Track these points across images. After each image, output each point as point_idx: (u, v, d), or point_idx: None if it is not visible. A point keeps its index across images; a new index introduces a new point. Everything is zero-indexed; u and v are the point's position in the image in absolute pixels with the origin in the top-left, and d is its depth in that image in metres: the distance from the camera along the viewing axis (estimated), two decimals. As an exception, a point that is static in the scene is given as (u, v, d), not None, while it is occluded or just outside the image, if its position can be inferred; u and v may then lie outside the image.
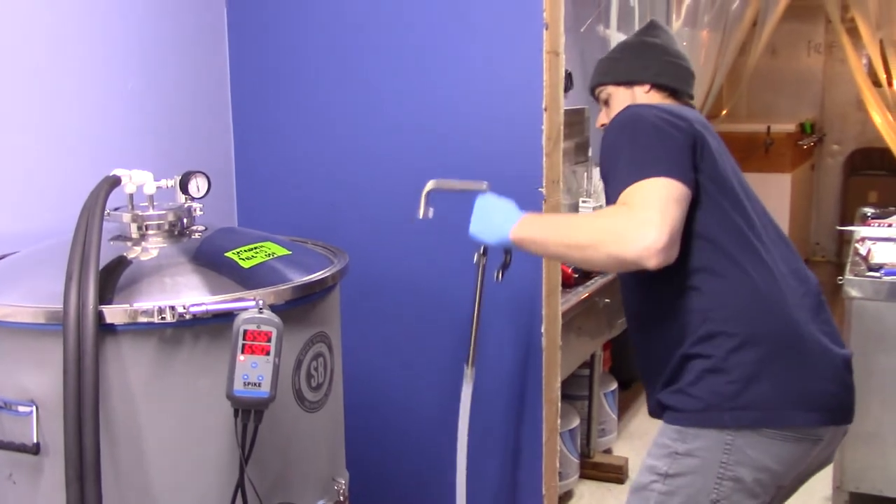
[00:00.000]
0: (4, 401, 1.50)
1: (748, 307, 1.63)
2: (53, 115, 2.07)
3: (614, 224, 1.55)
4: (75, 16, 2.11)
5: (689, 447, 1.62)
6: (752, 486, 1.62)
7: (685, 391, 1.64)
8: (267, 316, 1.42)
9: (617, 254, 1.53)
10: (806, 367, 1.64)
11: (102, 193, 1.57)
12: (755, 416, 1.60)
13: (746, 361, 1.60)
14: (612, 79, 1.95)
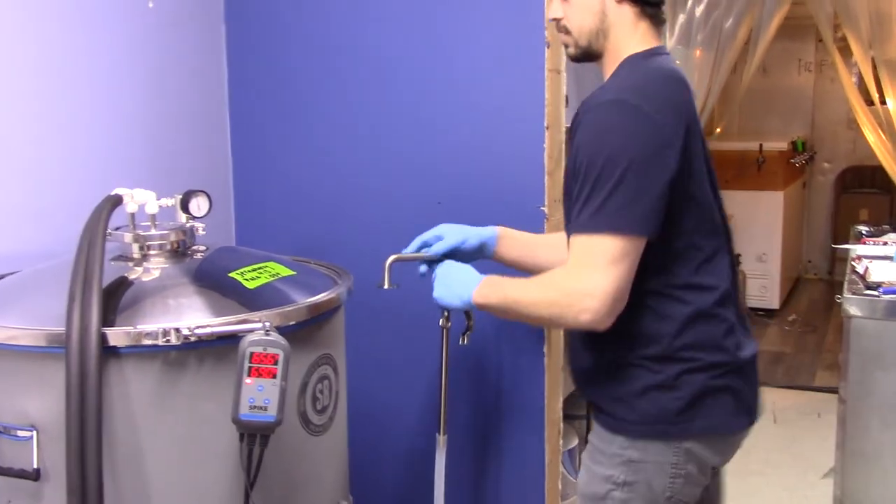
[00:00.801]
0: (4, 425, 1.46)
1: (700, 338, 1.65)
2: (53, 134, 2.05)
3: (560, 299, 1.55)
4: (76, 37, 2.09)
5: (641, 454, 1.65)
6: (698, 477, 1.69)
7: (629, 402, 1.66)
8: (274, 338, 1.40)
9: (571, 326, 1.64)
10: (746, 379, 1.71)
11: (104, 213, 1.54)
12: (701, 426, 1.66)
13: (695, 382, 1.64)
14: None
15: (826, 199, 7.02)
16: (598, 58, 1.70)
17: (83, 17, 2.11)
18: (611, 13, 1.65)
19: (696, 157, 1.61)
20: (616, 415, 1.68)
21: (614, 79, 1.66)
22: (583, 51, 1.69)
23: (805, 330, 5.74)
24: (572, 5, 1.66)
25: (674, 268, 1.62)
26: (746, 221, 5.84)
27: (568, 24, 1.68)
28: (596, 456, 1.72)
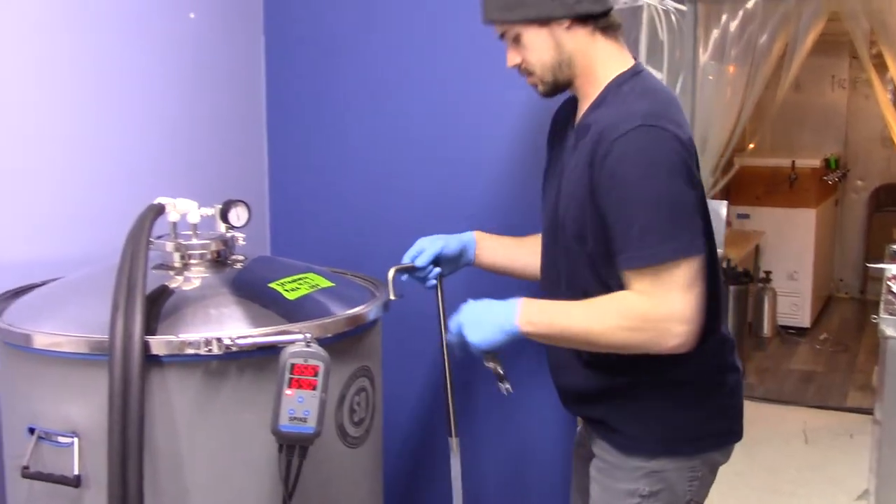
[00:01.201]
0: (45, 431, 1.47)
1: (718, 359, 1.75)
2: (95, 142, 2.07)
3: (646, 327, 1.54)
4: (120, 46, 2.11)
5: (663, 465, 1.70)
6: (711, 478, 1.78)
7: (646, 422, 1.71)
8: (314, 350, 1.40)
9: (653, 352, 1.57)
10: (739, 391, 1.82)
11: (148, 221, 1.56)
12: (716, 442, 1.76)
13: (712, 401, 1.75)
14: (520, 16, 1.63)
15: (859, 217, 6.94)
16: (569, 86, 1.71)
17: (127, 28, 2.13)
18: (565, 41, 1.64)
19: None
20: (630, 434, 1.71)
21: (619, 102, 1.62)
22: (551, 85, 1.69)
23: (836, 349, 5.67)
24: (526, 47, 1.66)
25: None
26: (778, 238, 5.79)
27: (528, 66, 1.68)
28: (613, 472, 1.73)
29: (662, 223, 1.52)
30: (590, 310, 1.59)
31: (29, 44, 1.91)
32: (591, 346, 1.63)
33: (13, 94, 1.88)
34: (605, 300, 1.59)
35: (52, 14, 1.95)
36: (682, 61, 4.58)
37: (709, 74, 4.86)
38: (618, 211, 1.54)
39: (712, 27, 4.80)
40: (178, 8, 2.27)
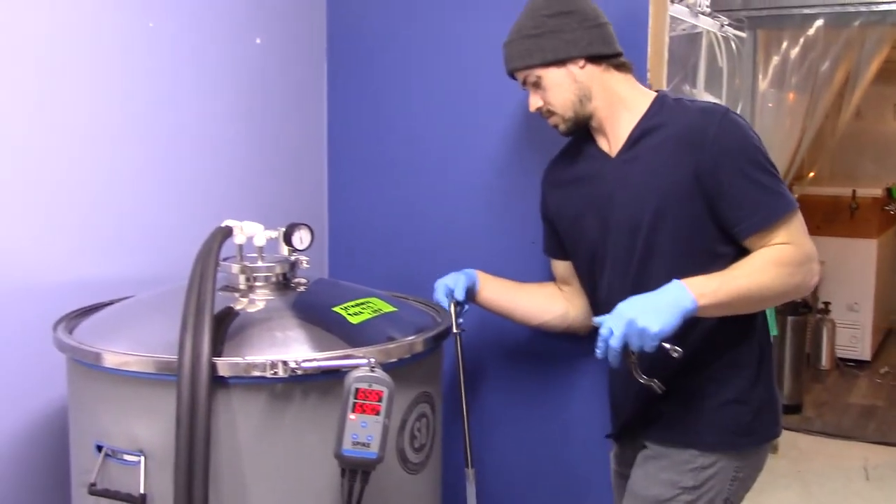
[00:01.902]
0: (112, 449, 1.49)
1: (767, 350, 1.86)
2: (166, 165, 2.12)
3: (799, 269, 1.71)
4: (189, 74, 2.16)
5: (710, 461, 1.79)
6: (749, 482, 1.87)
7: (708, 416, 1.81)
8: (379, 375, 1.40)
9: (802, 294, 1.77)
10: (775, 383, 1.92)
11: (216, 244, 1.58)
12: (764, 437, 1.86)
13: (761, 394, 1.83)
14: (538, 60, 1.82)
15: (921, 248, 6.78)
16: (590, 119, 1.87)
17: (197, 53, 2.18)
18: (581, 77, 1.83)
19: None
20: (690, 428, 1.82)
21: (682, 106, 1.82)
22: (572, 121, 1.86)
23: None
24: (546, 88, 1.84)
25: None
26: (837, 269, 5.67)
27: (550, 107, 1.86)
28: (660, 461, 1.83)
29: (777, 183, 1.73)
30: (747, 268, 1.69)
31: (106, 72, 1.96)
32: (760, 302, 1.74)
33: (89, 120, 1.93)
34: (754, 258, 1.70)
35: (125, 42, 2.00)
36: (742, 89, 4.54)
37: (768, 102, 4.80)
38: (741, 180, 1.71)
39: (772, 54, 4.74)
40: (246, 33, 2.32)
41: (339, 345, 1.53)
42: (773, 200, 1.71)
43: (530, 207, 2.26)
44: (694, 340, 1.76)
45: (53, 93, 1.86)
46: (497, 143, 2.37)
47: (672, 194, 1.75)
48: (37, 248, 1.85)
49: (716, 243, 1.75)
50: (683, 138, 1.75)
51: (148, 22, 2.04)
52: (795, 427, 4.67)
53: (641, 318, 1.57)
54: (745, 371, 1.82)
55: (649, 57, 2.12)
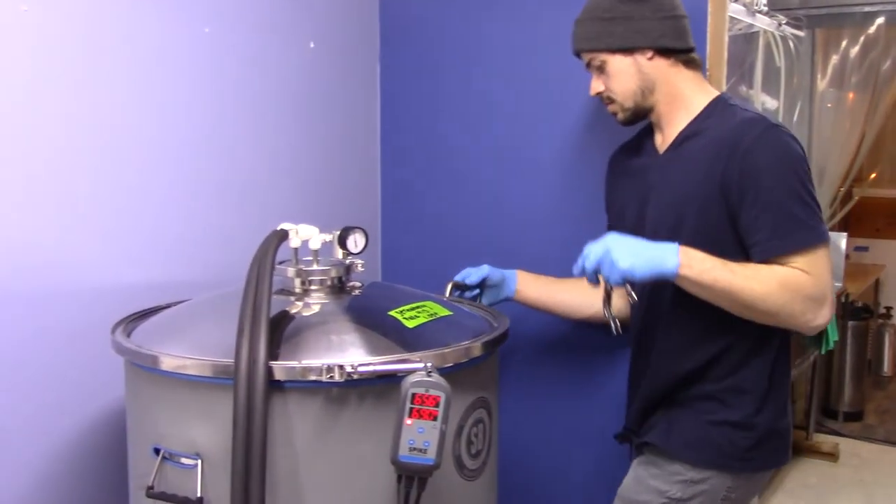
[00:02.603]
0: (170, 452, 1.50)
1: (780, 377, 1.82)
2: (222, 169, 2.13)
3: (800, 303, 1.63)
4: (243, 78, 2.17)
5: (701, 476, 1.76)
6: (743, 502, 1.84)
7: (706, 434, 1.78)
8: (436, 380, 1.38)
9: (796, 327, 1.68)
10: (789, 409, 1.86)
11: (272, 247, 1.57)
12: (760, 464, 1.81)
13: (766, 422, 1.78)
14: (605, 45, 1.79)
15: None
16: (649, 112, 1.85)
17: (251, 58, 2.19)
18: (648, 70, 1.80)
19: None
20: (686, 441, 1.80)
21: (731, 114, 1.76)
22: (631, 111, 1.84)
23: (963, 391, 5.36)
24: (610, 75, 1.82)
25: None
26: (900, 272, 5.54)
27: (611, 94, 1.84)
28: (652, 469, 1.82)
29: (808, 211, 1.64)
30: (750, 271, 1.63)
31: (164, 77, 1.97)
32: (742, 305, 1.64)
33: (147, 125, 1.95)
34: (766, 268, 1.64)
35: (181, 47, 2.01)
36: (800, 88, 4.45)
37: (827, 102, 4.70)
38: (766, 201, 1.65)
39: (831, 53, 4.64)
40: (300, 38, 2.32)
41: (394, 349, 1.51)
42: (796, 229, 1.63)
43: (587, 212, 2.24)
44: (704, 355, 1.78)
45: (112, 97, 1.88)
46: (555, 146, 2.34)
47: (696, 199, 1.73)
48: (95, 252, 1.87)
49: (735, 255, 1.68)
50: (719, 145, 1.70)
51: (204, 27, 2.05)
52: (857, 435, 4.56)
53: (616, 252, 1.61)
54: (751, 396, 1.78)
55: (708, 57, 2.08)
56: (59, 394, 1.83)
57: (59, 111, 1.79)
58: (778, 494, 3.85)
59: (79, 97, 1.82)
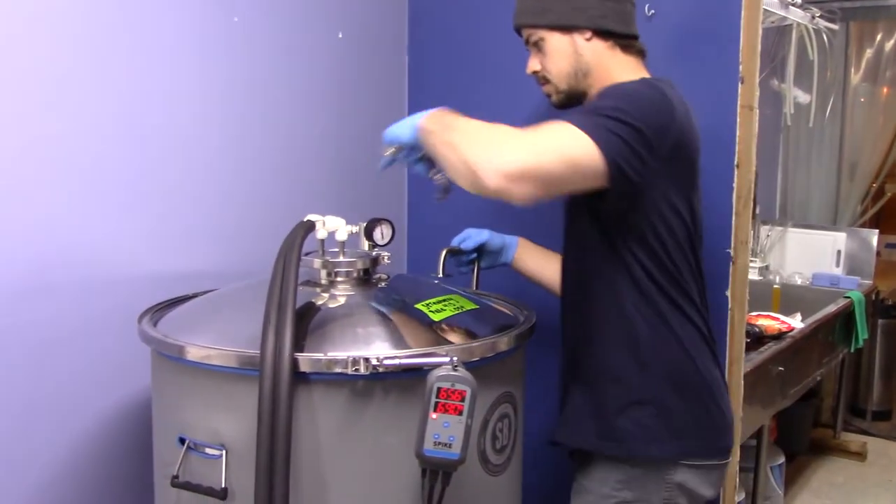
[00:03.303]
0: (195, 442, 1.50)
1: (683, 349, 1.71)
2: (250, 160, 2.13)
3: (494, 136, 1.48)
4: (272, 69, 2.17)
5: (635, 494, 1.67)
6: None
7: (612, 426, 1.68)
8: (461, 374, 1.37)
9: (466, 159, 1.44)
10: (717, 398, 1.77)
11: (299, 239, 1.56)
12: (682, 451, 1.68)
13: (675, 398, 1.69)
14: (545, 21, 1.73)
15: None
16: (583, 98, 1.77)
17: (279, 48, 2.19)
18: (584, 51, 1.72)
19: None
20: (615, 438, 1.68)
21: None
22: (565, 94, 1.77)
23: None
24: (546, 54, 1.75)
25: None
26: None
27: (546, 74, 1.77)
28: (586, 497, 1.73)
29: (610, 122, 1.49)
30: (478, 123, 1.53)
31: (190, 66, 1.97)
32: (443, 145, 1.53)
33: (173, 114, 1.95)
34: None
35: (209, 36, 2.01)
36: (833, 83, 4.39)
37: (860, 97, 4.63)
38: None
39: (865, 47, 4.58)
40: (328, 28, 2.31)
41: (420, 342, 1.50)
42: (583, 116, 1.51)
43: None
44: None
45: (145, 91, 1.88)
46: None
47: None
48: (122, 242, 1.88)
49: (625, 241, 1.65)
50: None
51: (233, 17, 2.05)
52: (885, 434, 4.50)
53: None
54: (650, 363, 1.67)
55: (742, 49, 2.05)
56: (89, 382, 1.85)
57: (96, 105, 1.80)
58: (804, 493, 3.81)
59: (115, 91, 1.83)
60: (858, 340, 3.75)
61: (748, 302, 2.21)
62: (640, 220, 1.63)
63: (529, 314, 1.73)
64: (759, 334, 3.04)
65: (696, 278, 1.75)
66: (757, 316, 3.19)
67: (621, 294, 1.67)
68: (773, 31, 3.88)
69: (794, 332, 3.16)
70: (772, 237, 4.22)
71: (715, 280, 2.12)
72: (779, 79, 4.01)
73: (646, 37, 2.19)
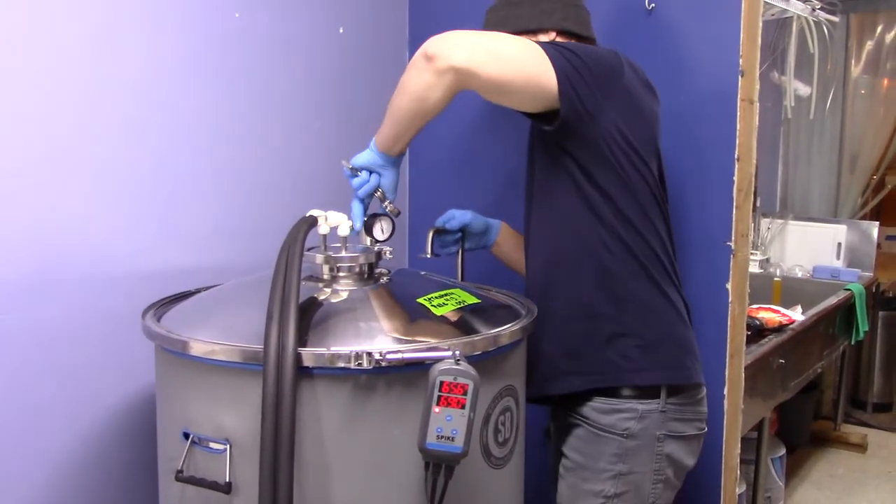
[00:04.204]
0: (199, 437, 1.51)
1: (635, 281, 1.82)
2: (253, 156, 2.14)
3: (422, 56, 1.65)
4: (273, 66, 2.17)
5: (629, 467, 1.77)
6: (675, 481, 1.85)
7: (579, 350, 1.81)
8: (464, 368, 1.38)
9: (425, 55, 1.62)
10: (671, 324, 1.88)
11: (301, 234, 1.57)
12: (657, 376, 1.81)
13: (632, 324, 1.81)
14: (513, 26, 1.85)
15: None
16: None
17: (280, 44, 2.19)
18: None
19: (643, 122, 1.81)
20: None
21: None
22: None
23: None
24: None
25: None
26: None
27: None
28: (582, 472, 1.81)
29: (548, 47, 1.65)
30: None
31: (192, 63, 1.98)
32: (406, 108, 1.71)
33: (175, 111, 1.95)
34: None
35: (210, 33, 2.02)
36: (833, 75, 4.38)
37: (861, 89, 4.63)
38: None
39: (866, 39, 4.58)
40: (329, 23, 2.32)
41: (423, 336, 1.51)
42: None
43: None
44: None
45: (141, 85, 1.89)
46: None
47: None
48: (126, 238, 1.89)
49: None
50: None
51: (234, 13, 2.05)
52: (886, 426, 4.52)
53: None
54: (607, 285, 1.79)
55: (742, 42, 2.05)
56: (94, 377, 1.86)
57: (100, 104, 1.81)
58: (805, 485, 3.83)
59: (117, 90, 1.83)
60: (859, 333, 3.75)
61: (749, 294, 2.22)
62: (597, 147, 1.73)
63: (531, 307, 1.74)
64: (759, 327, 3.04)
65: (661, 208, 1.85)
66: (758, 309, 3.20)
67: (587, 230, 1.76)
68: (774, 23, 3.88)
69: (795, 324, 3.16)
70: (772, 230, 4.22)
71: (715, 273, 2.13)
72: (779, 71, 4.01)
73: (646, 30, 2.20)
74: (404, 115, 1.70)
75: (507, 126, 2.42)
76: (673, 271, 1.86)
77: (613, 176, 1.75)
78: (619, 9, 2.22)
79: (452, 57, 1.59)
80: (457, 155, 2.54)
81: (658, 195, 1.84)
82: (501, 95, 1.69)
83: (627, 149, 1.75)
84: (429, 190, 2.60)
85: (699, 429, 1.90)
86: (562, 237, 1.81)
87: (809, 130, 4.66)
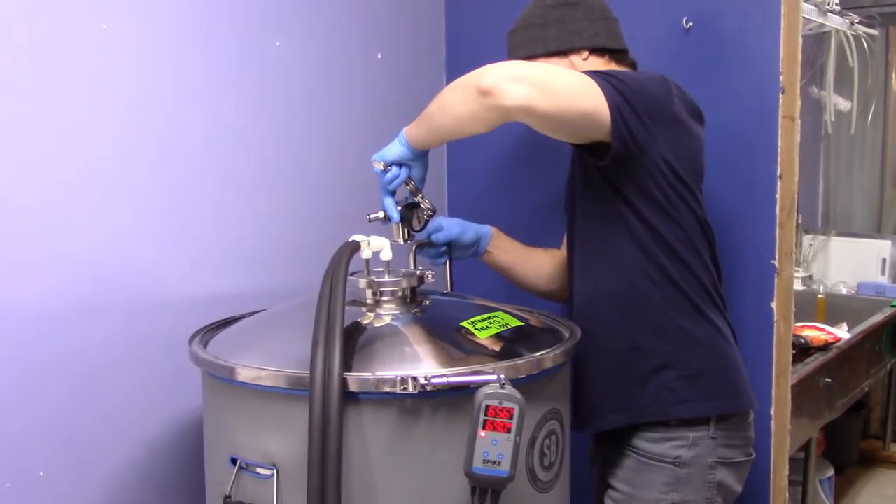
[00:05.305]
0: (246, 462, 1.52)
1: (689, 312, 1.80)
2: (293, 180, 2.16)
3: (468, 84, 1.59)
4: (313, 92, 2.20)
5: (681, 496, 1.74)
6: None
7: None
8: (509, 392, 1.37)
9: (480, 89, 1.56)
10: (723, 356, 1.86)
11: (344, 259, 1.58)
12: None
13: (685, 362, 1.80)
14: (542, 49, 1.80)
15: None
16: None
17: (322, 71, 2.22)
18: (584, 68, 1.75)
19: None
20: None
21: None
22: None
23: None
24: None
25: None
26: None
27: None
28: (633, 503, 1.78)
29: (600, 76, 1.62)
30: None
31: (232, 90, 2.01)
32: (447, 122, 1.68)
33: (219, 136, 1.98)
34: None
35: (251, 61, 2.05)
36: (874, 89, 4.33)
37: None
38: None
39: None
40: (368, 49, 2.34)
41: (467, 360, 1.51)
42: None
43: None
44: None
45: (190, 113, 1.92)
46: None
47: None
48: (169, 265, 1.91)
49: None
50: None
51: (275, 41, 2.08)
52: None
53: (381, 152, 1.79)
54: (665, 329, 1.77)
55: (782, 58, 2.04)
56: (140, 404, 1.88)
57: (141, 132, 1.84)
58: (854, 506, 3.76)
59: (158, 118, 1.86)
60: (907, 349, 3.69)
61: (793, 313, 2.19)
62: (644, 180, 1.69)
63: (574, 330, 1.73)
64: (804, 346, 3.00)
65: (707, 236, 1.82)
66: (802, 327, 3.15)
67: (631, 262, 1.73)
68: (812, 38, 3.84)
69: (841, 342, 3.11)
70: (815, 246, 4.17)
71: (760, 292, 2.10)
72: (818, 86, 3.97)
73: (684, 49, 2.20)
74: (443, 130, 1.70)
75: (544, 139, 2.42)
76: (717, 294, 1.83)
77: (658, 207, 1.72)
78: (657, 29, 2.21)
79: (509, 96, 1.53)
80: (495, 170, 2.54)
81: (703, 222, 1.81)
82: (551, 130, 1.65)
83: (675, 180, 1.72)
84: (468, 208, 2.60)
85: (747, 454, 1.87)
86: (607, 271, 1.78)
87: (850, 145, 4.60)
